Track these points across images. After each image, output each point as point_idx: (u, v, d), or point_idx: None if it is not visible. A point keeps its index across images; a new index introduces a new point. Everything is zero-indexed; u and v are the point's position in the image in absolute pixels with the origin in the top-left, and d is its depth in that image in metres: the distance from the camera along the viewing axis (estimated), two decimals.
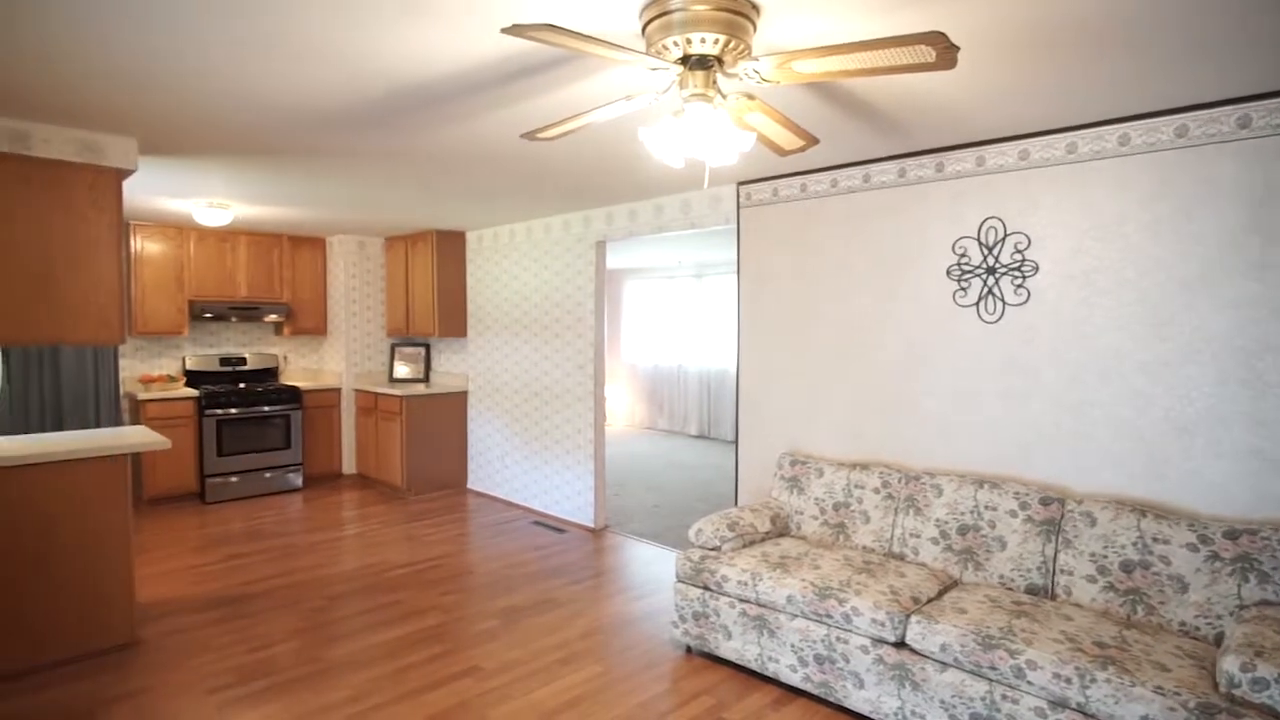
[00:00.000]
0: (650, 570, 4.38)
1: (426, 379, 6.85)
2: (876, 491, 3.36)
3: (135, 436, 3.42)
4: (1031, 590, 2.82)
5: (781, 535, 3.54)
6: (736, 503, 4.24)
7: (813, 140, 2.38)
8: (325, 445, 6.65)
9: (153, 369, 6.17)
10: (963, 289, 3.28)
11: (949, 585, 2.92)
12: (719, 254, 8.29)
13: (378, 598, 3.89)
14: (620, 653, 3.27)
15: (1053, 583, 2.80)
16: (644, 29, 1.90)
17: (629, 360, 10.56)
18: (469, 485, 6.48)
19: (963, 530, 3.03)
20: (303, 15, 1.93)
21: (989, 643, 2.38)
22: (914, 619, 2.59)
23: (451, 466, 6.41)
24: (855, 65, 1.76)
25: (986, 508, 3.00)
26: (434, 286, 6.26)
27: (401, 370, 6.92)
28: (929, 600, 2.75)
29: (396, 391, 6.16)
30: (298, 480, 6.31)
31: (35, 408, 5.54)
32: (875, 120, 2.89)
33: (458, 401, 6.43)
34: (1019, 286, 3.11)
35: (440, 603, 3.82)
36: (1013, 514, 2.93)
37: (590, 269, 5.18)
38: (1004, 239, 3.15)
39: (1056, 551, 2.81)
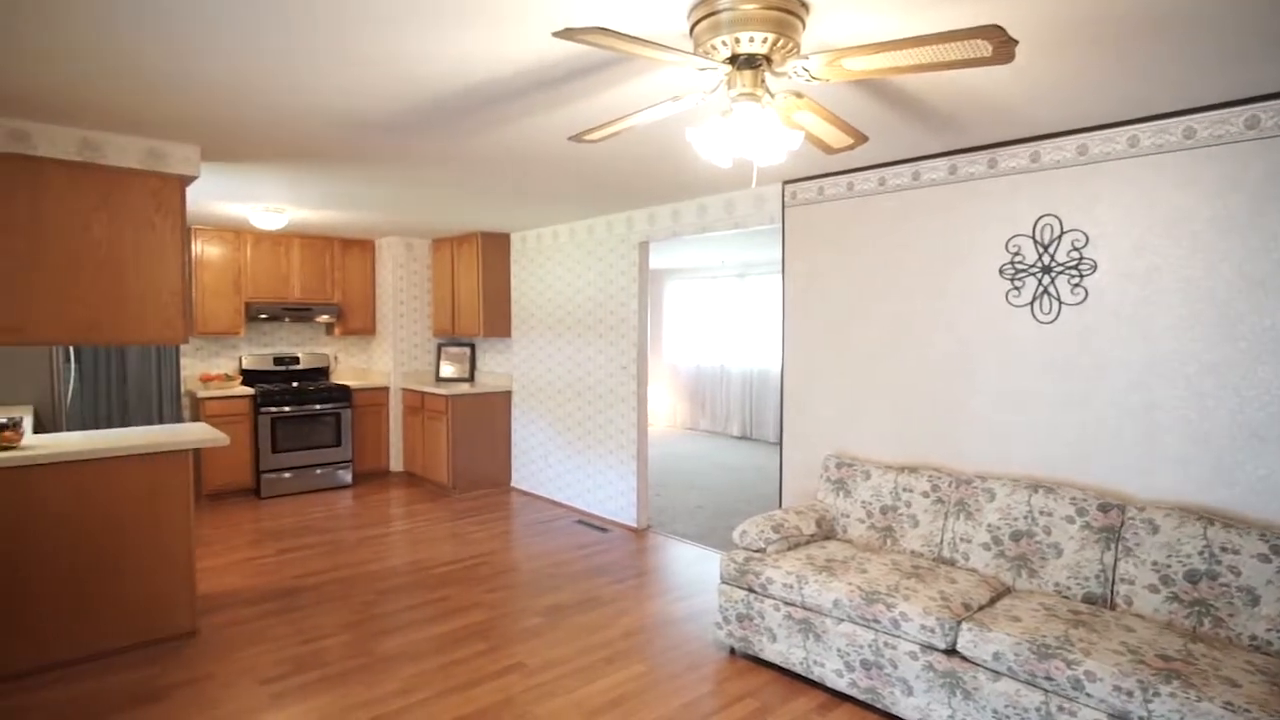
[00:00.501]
0: (694, 571, 4.37)
1: (471, 379, 6.95)
2: (925, 495, 3.30)
3: (197, 433, 3.55)
4: (1089, 599, 2.73)
5: (827, 538, 3.50)
6: (781, 505, 4.20)
7: (861, 138, 2.35)
8: (374, 443, 6.80)
9: (211, 368, 6.40)
10: (1016, 288, 3.19)
11: (1001, 592, 2.85)
12: (763, 253, 8.23)
13: (425, 593, 3.96)
14: (664, 653, 3.27)
15: (1112, 592, 2.70)
16: (692, 29, 1.89)
17: (670, 360, 10.56)
18: (513, 484, 6.56)
19: (1016, 536, 2.95)
20: (360, 25, 1.98)
21: (1045, 652, 2.31)
22: (965, 626, 2.53)
23: (496, 465, 6.50)
24: (908, 61, 1.73)
25: (1041, 513, 2.91)
26: (479, 287, 6.35)
27: (447, 370, 7.04)
28: (981, 607, 2.69)
29: (442, 391, 6.27)
30: (347, 477, 6.47)
31: (104, 404, 5.79)
32: (925, 116, 2.84)
33: (502, 401, 6.51)
34: (1076, 285, 3.01)
35: (485, 599, 3.88)
36: (1069, 520, 2.84)
37: (633, 269, 5.20)
38: (1060, 236, 3.06)
39: (1116, 560, 2.71)
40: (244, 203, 4.85)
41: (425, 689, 2.94)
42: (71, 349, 5.10)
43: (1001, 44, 1.61)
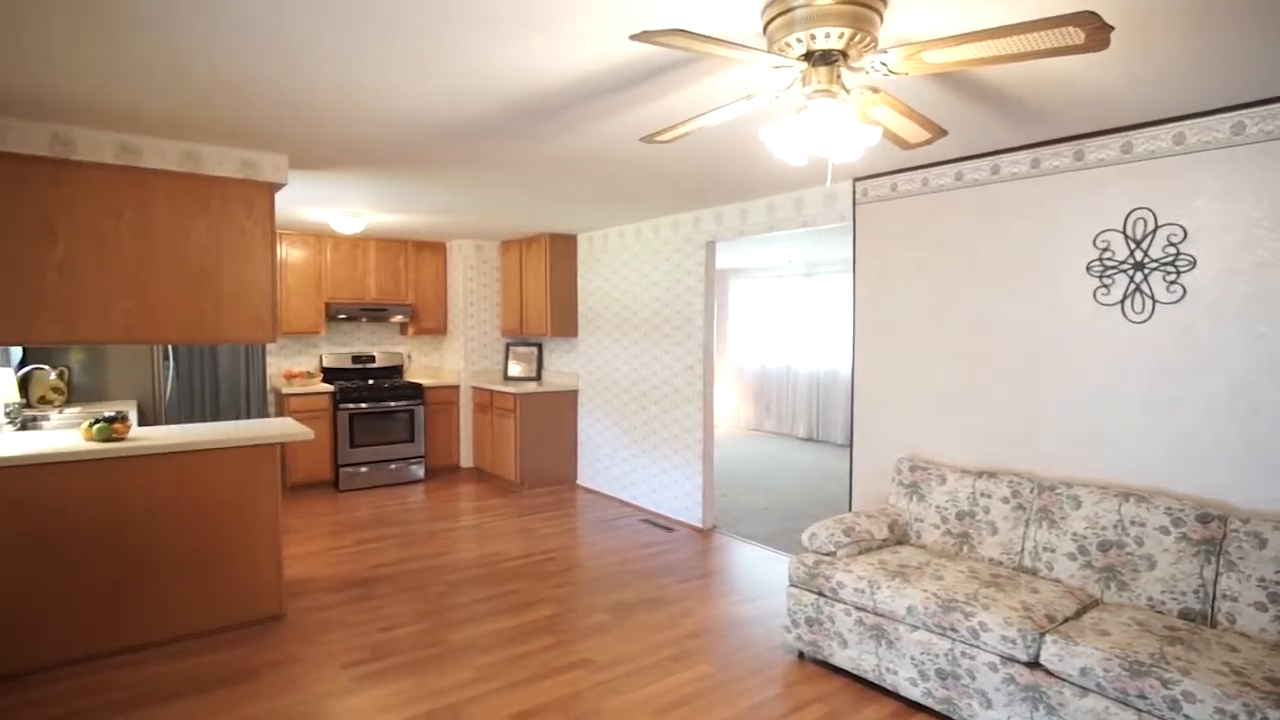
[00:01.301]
0: (760, 573, 4.33)
1: (538, 378, 7.08)
2: (1005, 501, 3.18)
3: (284, 428, 3.73)
4: (1186, 615, 2.58)
5: (900, 543, 3.42)
6: (851, 508, 4.12)
7: (940, 132, 2.28)
8: (445, 439, 7.00)
9: (294, 366, 6.71)
10: (1105, 286, 3.04)
11: (1088, 604, 2.72)
12: (831, 252, 8.08)
13: (494, 587, 4.06)
14: (731, 654, 3.26)
15: (1213, 608, 2.54)
16: (765, 27, 1.88)
17: (735, 360, 10.48)
18: (579, 481, 6.65)
19: (1104, 546, 2.81)
20: (439, 34, 2.05)
21: (1138, 669, 2.20)
22: (1049, 638, 2.43)
23: (562, 463, 6.60)
24: (993, 52, 1.67)
25: (1132, 523, 2.77)
26: (546, 288, 6.46)
27: (515, 369, 7.18)
28: (1066, 619, 2.57)
29: (510, 389, 6.41)
30: (420, 472, 6.68)
31: (198, 399, 6.15)
32: (1007, 108, 2.74)
33: (568, 400, 6.61)
34: (1172, 283, 2.85)
35: (553, 595, 3.94)
36: (1164, 531, 2.69)
37: (700, 269, 5.19)
38: (1154, 231, 2.90)
39: (1217, 574, 2.55)
40: (325, 208, 5.07)
41: (496, 679, 3.01)
42: (170, 348, 5.44)
43: (1095, 30, 1.54)
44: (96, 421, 3.27)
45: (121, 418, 3.37)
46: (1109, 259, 3.03)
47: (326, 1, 1.86)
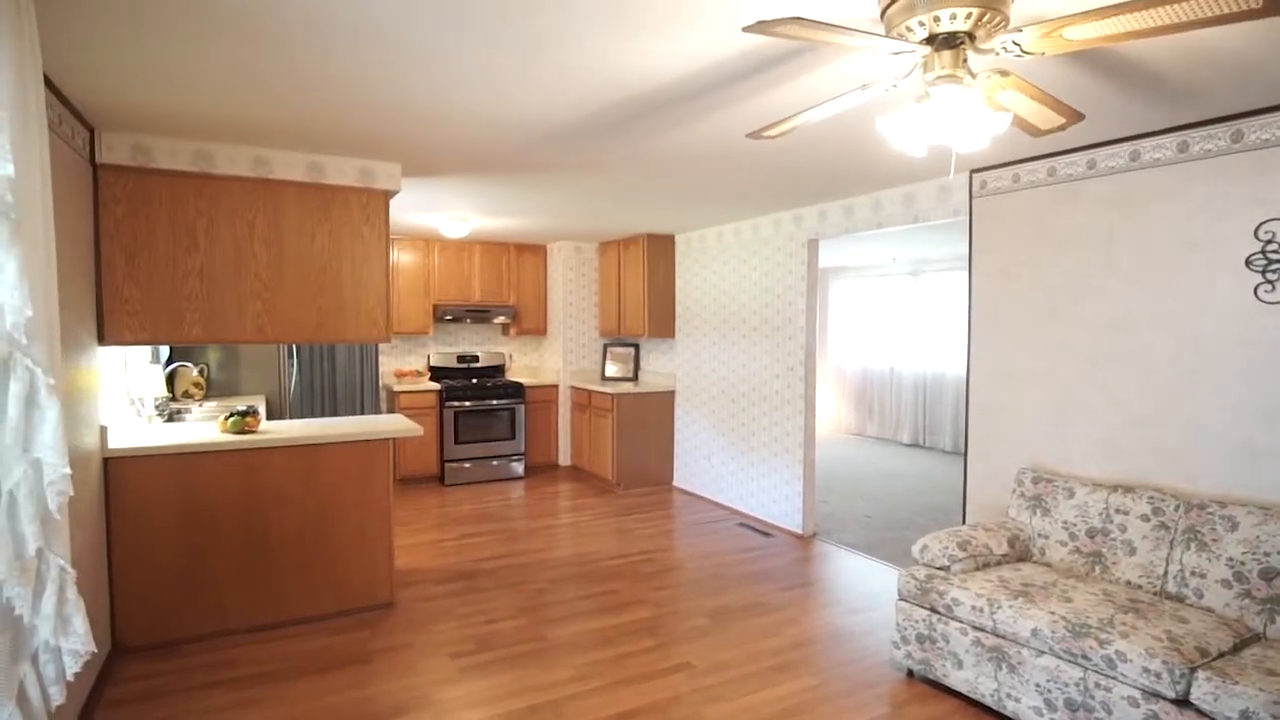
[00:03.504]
0: (865, 584, 4.16)
1: (635, 378, 7.11)
2: (1145, 519, 2.90)
3: (396, 424, 3.90)
4: None
5: (1020, 560, 3.19)
6: (964, 519, 3.89)
7: (1076, 116, 2.10)
8: (544, 438, 7.15)
9: (404, 365, 7.04)
10: (1269, 282, 2.72)
11: (1247, 639, 2.43)
12: (940, 249, 7.70)
13: (592, 586, 4.09)
14: (836, 667, 3.14)
15: None
16: (883, 12, 1.78)
17: (835, 362, 10.17)
18: (675, 482, 6.62)
19: (1267, 574, 2.51)
20: (546, 38, 2.06)
21: None
22: (1201, 674, 2.19)
23: (659, 463, 6.59)
24: (1149, 24, 1.51)
25: None
26: (644, 288, 6.48)
27: (612, 369, 7.24)
28: (1221, 654, 2.31)
29: (608, 389, 6.46)
30: (520, 469, 6.85)
31: (318, 396, 6.54)
32: (1151, 87, 2.49)
33: (665, 400, 6.59)
34: None
35: (651, 597, 3.93)
36: None
37: (802, 268, 5.05)
38: None
39: None
40: (434, 213, 5.28)
41: (596, 678, 3.02)
42: (294, 348, 5.82)
43: None
44: (231, 415, 3.52)
45: (253, 412, 3.62)
46: (1273, 252, 2.71)
47: (465, 19, 1.91)
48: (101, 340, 3.18)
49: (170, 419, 4.21)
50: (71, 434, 2.71)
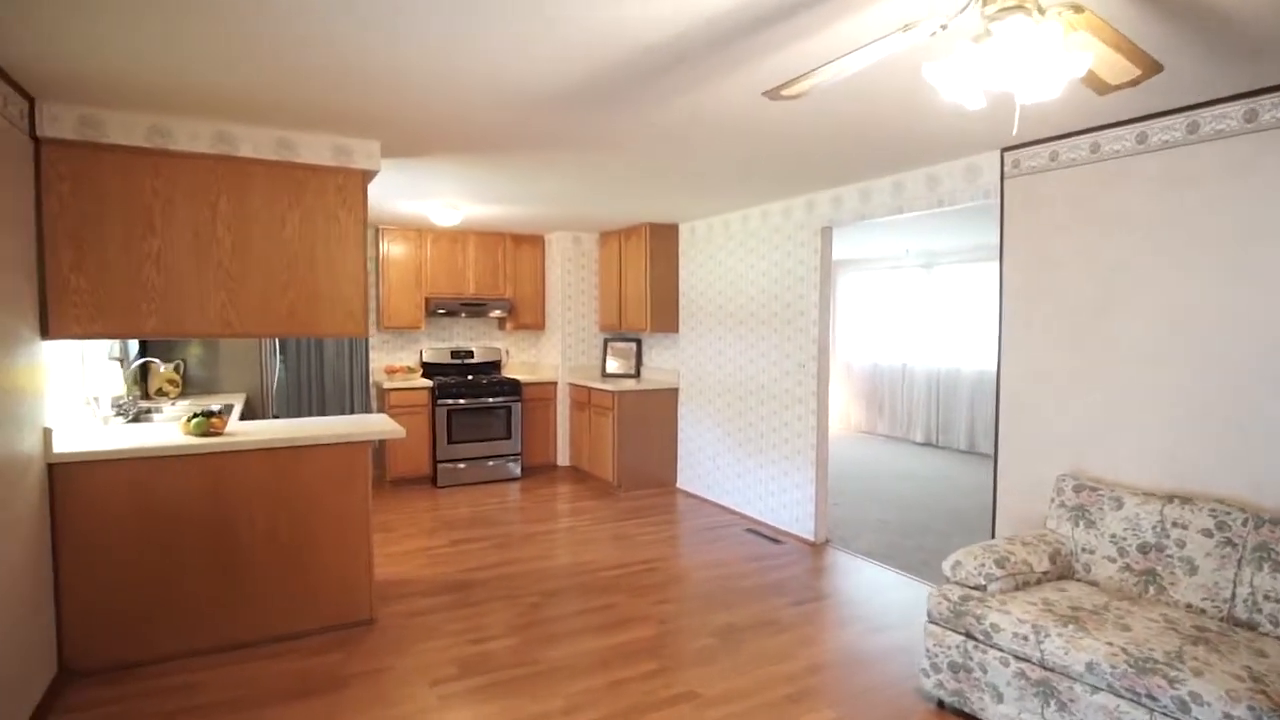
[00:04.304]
0: (884, 598, 3.84)
1: (637, 374, 6.79)
2: (1207, 534, 2.58)
3: (377, 425, 3.59)
4: None
5: (1063, 578, 2.87)
6: (994, 529, 3.57)
7: (1155, 67, 1.77)
8: (542, 437, 6.84)
9: (395, 361, 6.73)
10: None
11: None
12: (955, 239, 7.37)
13: (590, 599, 3.79)
14: (858, 696, 2.83)
15: None
16: None
17: (844, 358, 9.84)
18: (678, 484, 6.31)
19: None
20: None
21: None
22: None
23: (661, 464, 6.28)
24: None
25: None
26: (646, 281, 6.16)
27: (613, 365, 6.93)
28: None
29: (608, 387, 6.15)
30: (516, 470, 6.54)
31: (305, 393, 6.24)
32: (1222, 40, 2.16)
33: (668, 398, 6.28)
34: None
35: (653, 612, 3.62)
36: None
37: (814, 258, 4.73)
38: None
39: None
40: (423, 200, 4.97)
41: (593, 709, 2.72)
42: (278, 342, 5.52)
43: None
44: (194, 416, 3.22)
45: (219, 412, 3.32)
46: None
47: None
48: (45, 334, 2.87)
49: (137, 419, 3.91)
50: (6, 437, 2.41)
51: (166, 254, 3.08)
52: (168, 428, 3.42)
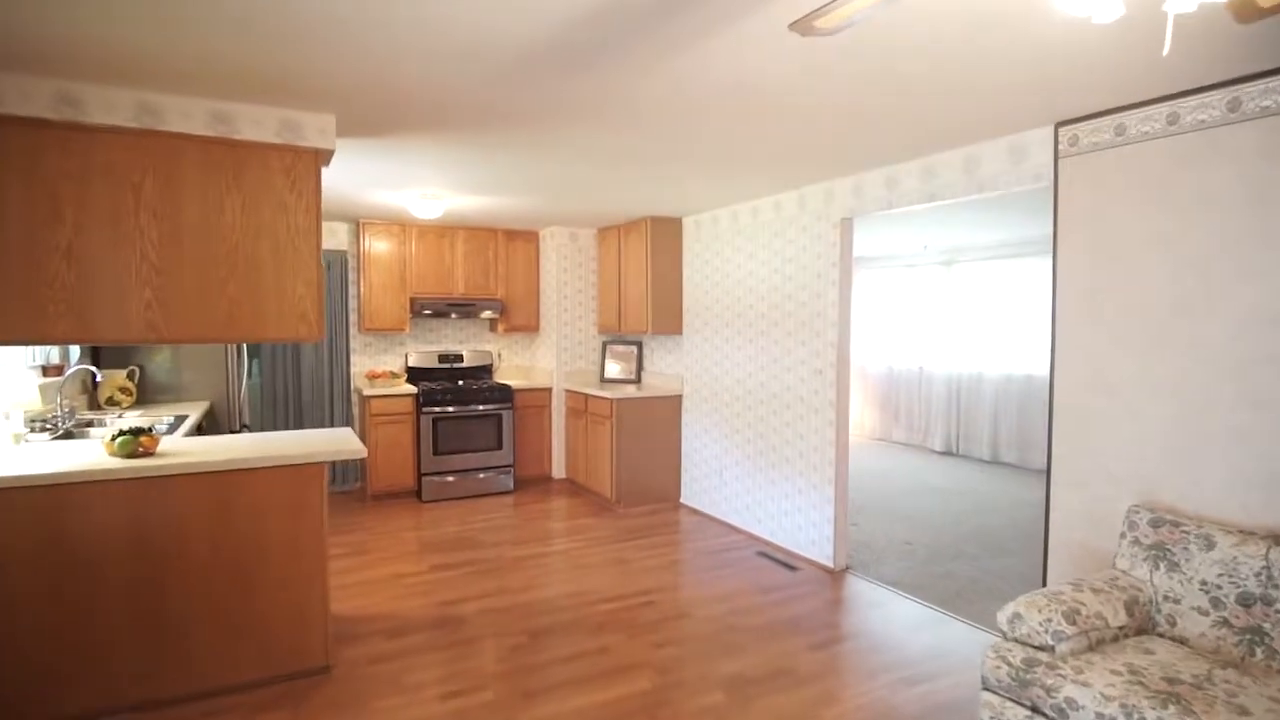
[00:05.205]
0: (918, 642, 3.36)
1: (638, 380, 6.31)
2: None
3: (335, 443, 3.12)
4: None
5: (1143, 632, 2.40)
6: (1046, 567, 3.09)
7: None
8: (535, 447, 6.38)
9: (379, 365, 6.28)
10: None
11: None
12: (978, 234, 6.88)
13: (583, 640, 3.32)
14: None
15: None
16: None
17: (858, 361, 9.35)
18: (682, 500, 5.83)
19: None
20: None
21: None
22: None
23: (663, 478, 5.80)
24: None
25: None
26: (648, 280, 5.68)
27: (612, 370, 6.46)
28: None
29: (607, 393, 5.68)
30: (509, 483, 6.08)
31: (280, 402, 5.81)
32: None
33: (671, 406, 5.80)
34: None
35: (653, 658, 3.15)
36: None
37: (832, 252, 4.25)
38: None
39: None
40: (400, 189, 4.51)
41: None
42: (244, 346, 5.07)
43: None
44: (120, 435, 2.77)
45: (149, 430, 2.87)
46: None
47: None
48: None
49: (69, 435, 3.46)
50: None
51: (79, 245, 2.62)
52: (93, 447, 2.97)
